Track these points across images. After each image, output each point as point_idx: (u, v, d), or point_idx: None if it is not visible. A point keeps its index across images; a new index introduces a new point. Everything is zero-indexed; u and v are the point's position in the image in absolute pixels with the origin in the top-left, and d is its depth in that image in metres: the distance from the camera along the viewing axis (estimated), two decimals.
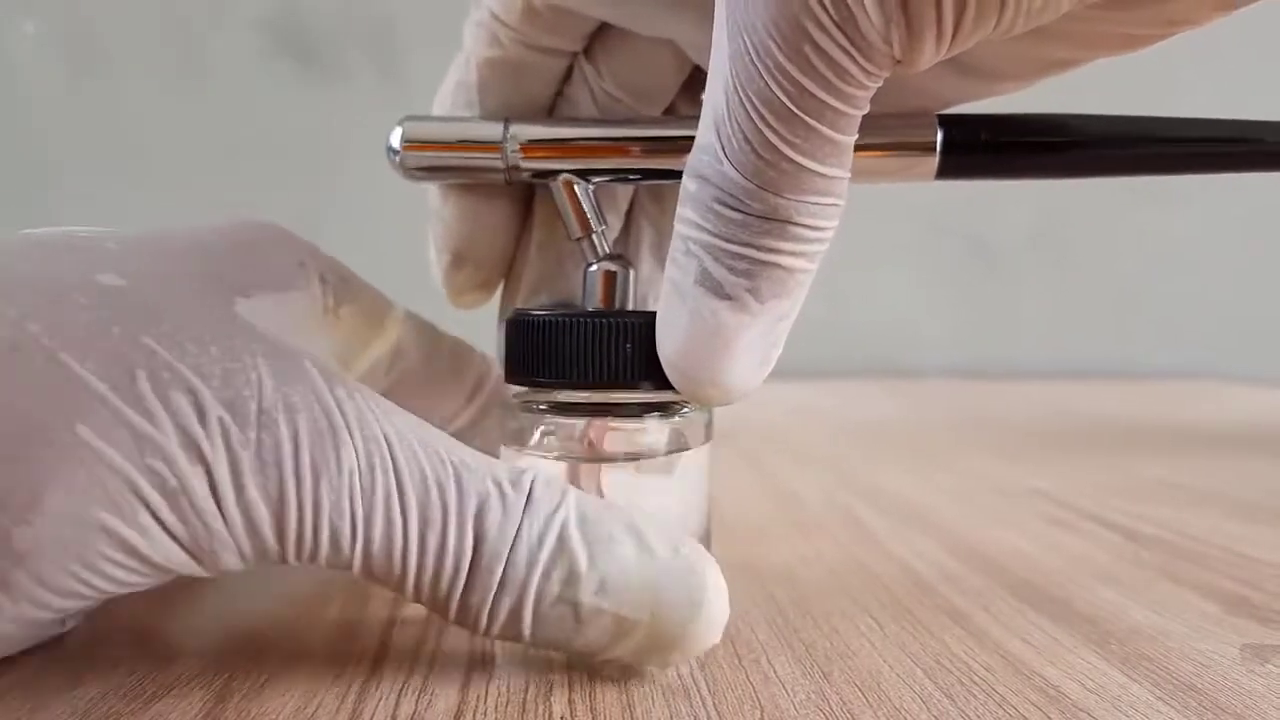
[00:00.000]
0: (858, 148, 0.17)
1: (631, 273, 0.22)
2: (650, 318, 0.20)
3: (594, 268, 0.22)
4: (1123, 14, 0.17)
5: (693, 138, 0.18)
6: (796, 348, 0.20)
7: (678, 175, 0.22)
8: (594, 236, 0.22)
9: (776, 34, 0.16)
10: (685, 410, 0.21)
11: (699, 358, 0.19)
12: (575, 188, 0.22)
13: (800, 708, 0.17)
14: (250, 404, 0.17)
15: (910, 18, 0.15)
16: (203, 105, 0.80)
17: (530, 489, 0.18)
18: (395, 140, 0.22)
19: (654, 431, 0.21)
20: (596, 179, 0.22)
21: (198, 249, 0.20)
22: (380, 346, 0.24)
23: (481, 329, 0.27)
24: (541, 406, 0.21)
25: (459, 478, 0.18)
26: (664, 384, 0.20)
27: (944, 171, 0.21)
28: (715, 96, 0.17)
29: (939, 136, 0.21)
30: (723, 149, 0.17)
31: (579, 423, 0.21)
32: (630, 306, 0.22)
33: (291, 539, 0.17)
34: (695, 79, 0.23)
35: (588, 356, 0.20)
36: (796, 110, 0.16)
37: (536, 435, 0.21)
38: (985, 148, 0.21)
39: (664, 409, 0.21)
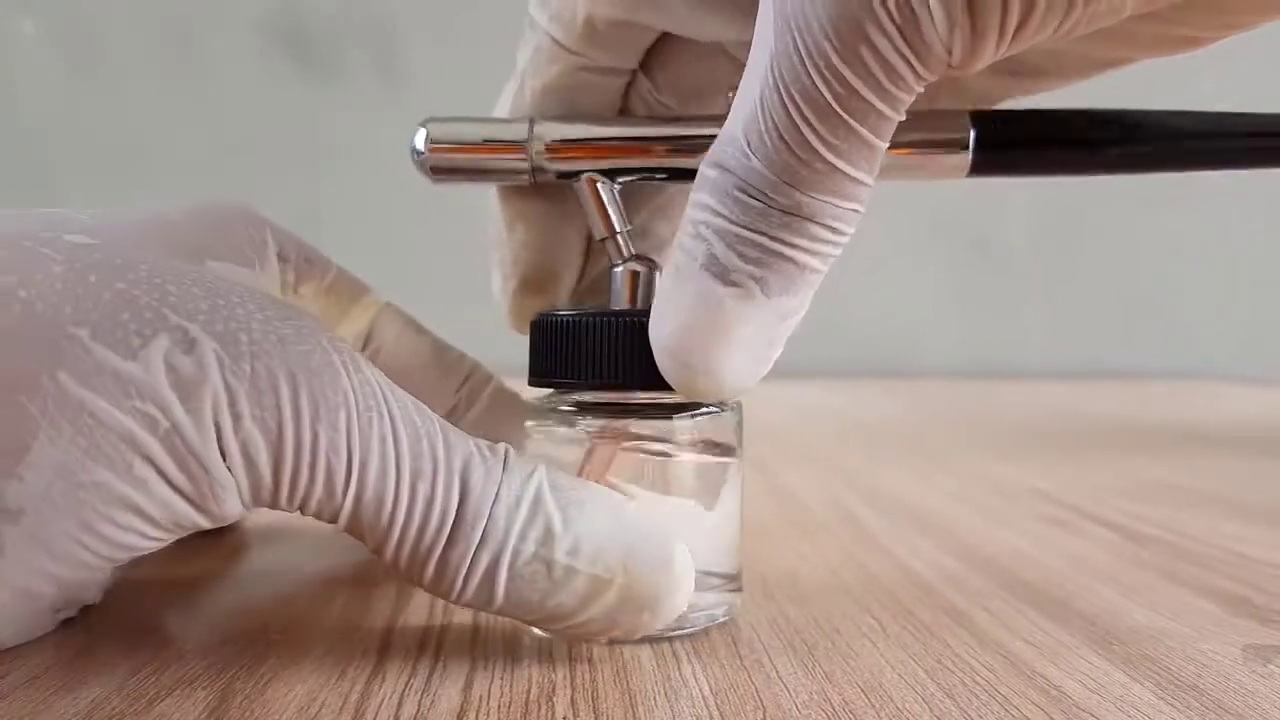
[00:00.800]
0: (890, 145, 0.17)
1: (657, 273, 0.22)
2: None
3: (619, 268, 0.22)
4: (1181, 16, 0.17)
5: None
6: (798, 347, 0.20)
7: None
8: (619, 236, 0.22)
9: (833, 32, 0.15)
10: (714, 411, 0.21)
11: (694, 343, 0.18)
12: (599, 187, 0.22)
13: (803, 708, 0.17)
14: (241, 336, 0.17)
15: (976, 22, 0.15)
16: (202, 105, 0.80)
17: (505, 455, 0.18)
18: (420, 142, 0.22)
19: (682, 432, 0.21)
20: (622, 178, 0.22)
21: (162, 222, 0.20)
22: (349, 329, 0.24)
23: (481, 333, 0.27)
24: (566, 407, 0.21)
25: (445, 433, 0.18)
26: None
27: (976, 169, 0.21)
28: (750, 91, 0.17)
29: (971, 134, 0.21)
30: (749, 143, 0.17)
31: (591, 425, 0.21)
32: None
33: (287, 476, 0.17)
34: None
35: (612, 357, 0.20)
36: (840, 110, 0.16)
37: (560, 433, 0.21)
38: (1018, 145, 0.21)
39: (693, 409, 0.21)
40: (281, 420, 0.17)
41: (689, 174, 0.22)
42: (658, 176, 0.22)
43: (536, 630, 0.20)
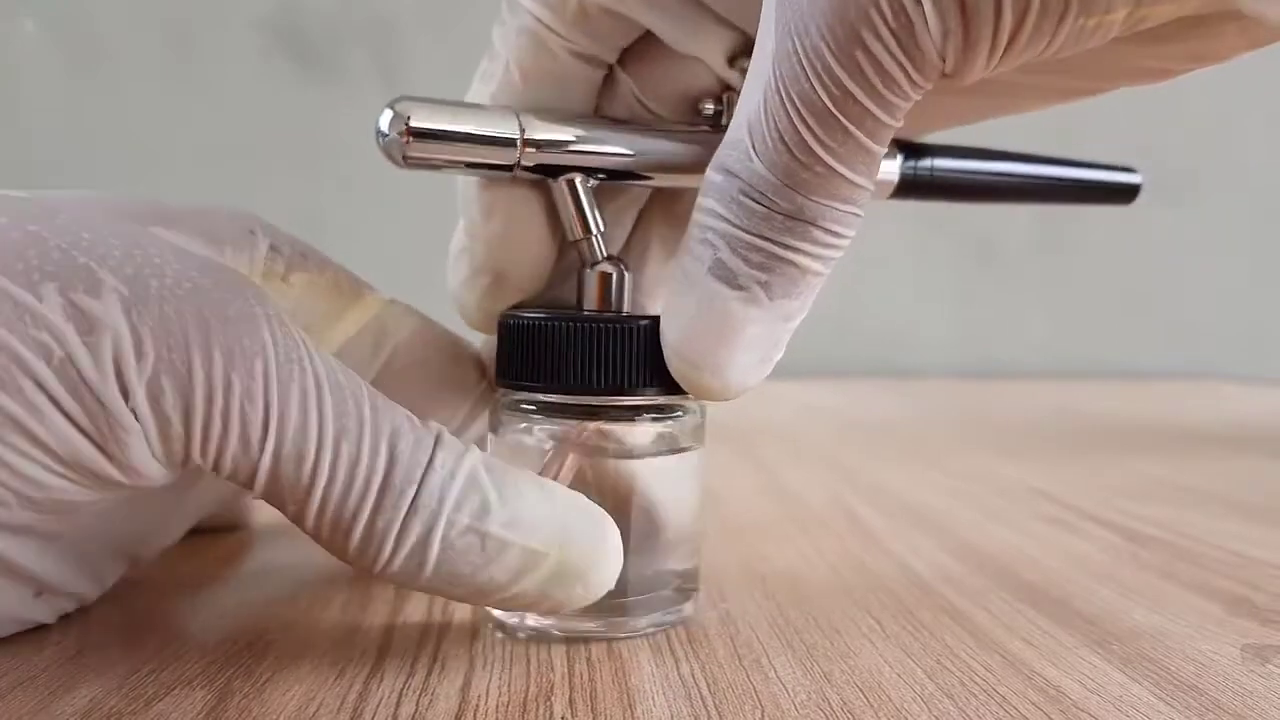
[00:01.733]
0: None
1: (628, 276, 0.22)
2: (645, 321, 0.20)
3: (591, 270, 0.21)
4: (1156, 48, 0.18)
5: (705, 140, 0.18)
6: (799, 347, 0.20)
7: (687, 174, 0.22)
8: (593, 238, 0.21)
9: (830, 36, 0.16)
10: (677, 413, 0.21)
11: (702, 345, 0.18)
12: (579, 188, 0.21)
13: (801, 708, 0.17)
14: (151, 281, 0.16)
15: (969, 30, 0.15)
16: (202, 105, 0.80)
17: (438, 433, 0.18)
18: (385, 123, 0.20)
19: (645, 435, 0.21)
20: (601, 177, 0.22)
21: (138, 199, 0.20)
22: (353, 322, 0.23)
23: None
24: (530, 408, 0.21)
25: (374, 398, 0.18)
26: (659, 388, 0.20)
27: (898, 191, 0.23)
28: (753, 94, 0.17)
29: (899, 159, 0.23)
30: (754, 146, 0.17)
31: (569, 426, 0.21)
32: (626, 310, 0.22)
33: (199, 424, 0.16)
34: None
35: (580, 361, 0.19)
36: (838, 114, 0.16)
37: (522, 437, 0.21)
38: (934, 174, 0.23)
39: (656, 412, 0.21)
40: (190, 362, 0.16)
41: (673, 173, 0.22)
42: (640, 181, 0.22)
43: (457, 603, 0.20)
